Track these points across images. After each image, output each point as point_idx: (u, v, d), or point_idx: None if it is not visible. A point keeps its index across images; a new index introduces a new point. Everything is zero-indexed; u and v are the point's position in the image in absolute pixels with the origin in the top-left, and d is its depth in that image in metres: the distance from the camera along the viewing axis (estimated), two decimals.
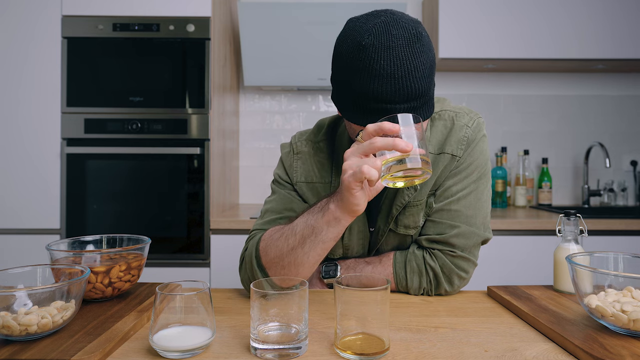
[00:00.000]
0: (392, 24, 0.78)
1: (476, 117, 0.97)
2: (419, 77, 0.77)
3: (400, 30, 0.77)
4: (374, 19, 0.80)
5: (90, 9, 1.97)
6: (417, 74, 0.77)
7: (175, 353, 0.63)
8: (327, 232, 0.81)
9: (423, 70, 0.78)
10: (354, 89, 0.80)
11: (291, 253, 0.84)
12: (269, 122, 2.59)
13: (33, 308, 0.66)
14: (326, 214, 0.79)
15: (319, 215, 0.81)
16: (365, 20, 0.80)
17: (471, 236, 0.92)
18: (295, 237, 0.84)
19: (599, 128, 2.59)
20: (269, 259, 0.88)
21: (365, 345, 0.63)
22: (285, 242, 0.85)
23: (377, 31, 0.77)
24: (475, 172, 0.94)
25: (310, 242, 0.82)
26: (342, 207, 0.77)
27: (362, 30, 0.79)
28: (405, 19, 0.80)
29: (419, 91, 0.78)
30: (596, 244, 1.91)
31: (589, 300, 0.69)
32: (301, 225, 0.83)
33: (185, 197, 1.97)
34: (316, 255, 0.84)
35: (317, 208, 0.83)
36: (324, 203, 0.82)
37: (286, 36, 2.19)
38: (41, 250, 1.93)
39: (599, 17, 2.19)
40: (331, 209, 0.79)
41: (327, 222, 0.80)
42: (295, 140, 1.07)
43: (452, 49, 2.20)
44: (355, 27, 0.81)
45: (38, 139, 1.97)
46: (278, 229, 0.89)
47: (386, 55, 0.76)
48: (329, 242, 0.82)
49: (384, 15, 0.80)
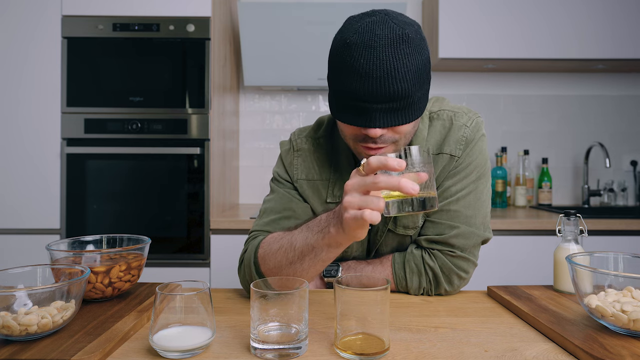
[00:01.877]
0: (379, 23, 0.78)
1: (475, 116, 0.97)
2: (400, 79, 0.77)
3: (385, 31, 0.77)
4: (367, 18, 0.80)
5: (90, 9, 1.97)
6: (398, 75, 0.77)
7: (175, 353, 0.63)
8: (327, 252, 0.79)
9: (405, 73, 0.77)
10: (336, 85, 0.82)
11: (290, 267, 0.83)
12: (269, 122, 2.59)
13: (33, 308, 0.66)
14: (327, 237, 0.76)
15: (319, 236, 0.78)
16: (358, 19, 0.81)
17: (471, 236, 0.92)
18: (294, 252, 0.82)
19: (599, 128, 2.59)
20: (267, 268, 0.87)
21: (365, 345, 0.63)
22: (285, 256, 0.84)
23: (363, 30, 0.78)
24: (475, 172, 0.94)
25: (309, 259, 0.81)
26: (342, 234, 0.74)
27: (351, 29, 0.80)
28: (397, 20, 0.79)
29: (399, 93, 0.78)
30: (596, 244, 1.91)
31: (589, 300, 0.69)
32: (300, 241, 0.81)
33: (185, 197, 1.97)
34: (315, 270, 0.83)
35: (316, 227, 0.80)
36: (324, 224, 0.78)
37: (286, 36, 2.19)
38: (41, 250, 1.93)
39: (599, 17, 2.19)
40: (332, 233, 0.75)
41: (327, 245, 0.77)
42: (295, 137, 1.06)
43: (452, 49, 2.20)
44: (347, 26, 0.82)
45: (38, 139, 1.97)
46: (277, 239, 0.87)
47: (367, 54, 0.76)
48: (328, 260, 0.81)
49: (377, 15, 0.80)
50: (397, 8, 2.12)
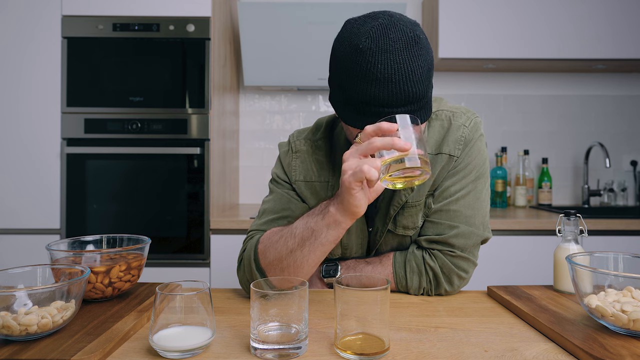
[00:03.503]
0: (390, 26, 0.77)
1: (473, 116, 0.97)
2: (417, 81, 0.77)
3: (398, 34, 0.76)
4: (372, 21, 0.79)
5: (90, 9, 1.97)
6: (414, 77, 0.77)
7: (175, 353, 0.63)
8: (327, 234, 0.80)
9: (421, 74, 0.77)
10: (351, 92, 0.79)
11: (290, 255, 0.84)
12: (268, 122, 2.59)
13: (33, 308, 0.66)
14: (326, 217, 0.79)
15: (319, 217, 0.81)
16: (363, 23, 0.80)
17: (471, 236, 0.92)
18: (294, 239, 0.83)
19: (599, 128, 2.59)
20: (267, 262, 0.88)
21: (365, 345, 0.63)
22: (285, 245, 0.85)
23: (375, 34, 0.77)
24: (474, 171, 0.94)
25: (309, 244, 0.82)
26: (342, 210, 0.77)
27: (360, 33, 0.78)
28: (404, 21, 0.79)
29: (417, 95, 0.78)
30: (596, 244, 1.91)
31: (589, 300, 0.69)
32: (301, 227, 0.83)
33: (185, 197, 1.97)
34: (315, 257, 0.84)
35: (317, 211, 0.83)
36: (323, 206, 0.82)
37: (286, 36, 2.19)
38: (41, 250, 1.93)
39: (599, 17, 2.19)
40: (331, 211, 0.79)
41: (327, 225, 0.80)
42: (293, 138, 1.06)
43: (452, 49, 2.20)
44: (352, 30, 0.80)
45: (38, 138, 1.97)
46: (277, 231, 0.89)
47: (384, 59, 0.76)
48: (329, 245, 0.82)
49: (382, 18, 0.79)
50: (397, 8, 2.12)
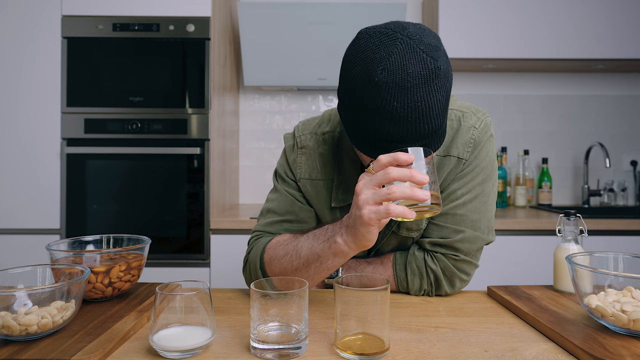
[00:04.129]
0: (409, 56, 0.70)
1: (483, 117, 0.94)
2: (434, 117, 0.72)
3: (417, 67, 0.69)
4: (389, 44, 0.71)
5: (90, 9, 1.97)
6: (432, 113, 0.71)
7: (175, 353, 0.63)
8: (333, 261, 0.79)
9: (439, 108, 0.72)
10: (364, 125, 0.74)
11: (295, 273, 0.85)
12: (268, 122, 2.59)
13: (33, 308, 0.66)
14: (333, 247, 0.77)
15: (325, 245, 0.78)
16: (379, 44, 0.72)
17: (476, 240, 0.91)
18: (299, 260, 0.83)
19: (599, 128, 2.59)
20: (273, 273, 0.90)
21: (365, 345, 0.63)
22: (290, 263, 0.85)
23: (392, 66, 0.69)
24: (481, 174, 0.92)
25: (315, 267, 0.82)
26: (351, 242, 0.74)
27: (375, 60, 0.71)
28: (424, 44, 0.72)
29: (432, 129, 0.73)
30: (596, 244, 1.91)
31: (589, 300, 0.69)
32: (306, 250, 0.82)
33: (185, 197, 1.97)
34: (320, 277, 0.84)
35: (322, 235, 0.80)
36: (330, 234, 0.78)
37: (286, 36, 2.19)
38: (41, 250, 1.93)
39: (599, 17, 2.19)
40: (339, 242, 0.75)
41: (333, 254, 0.78)
42: (299, 132, 1.02)
43: (452, 49, 2.20)
44: (367, 53, 0.72)
45: (38, 139, 1.97)
46: (283, 244, 0.88)
47: (401, 97, 0.69)
48: (334, 268, 0.82)
49: (400, 40, 0.71)
50: (397, 8, 2.12)
